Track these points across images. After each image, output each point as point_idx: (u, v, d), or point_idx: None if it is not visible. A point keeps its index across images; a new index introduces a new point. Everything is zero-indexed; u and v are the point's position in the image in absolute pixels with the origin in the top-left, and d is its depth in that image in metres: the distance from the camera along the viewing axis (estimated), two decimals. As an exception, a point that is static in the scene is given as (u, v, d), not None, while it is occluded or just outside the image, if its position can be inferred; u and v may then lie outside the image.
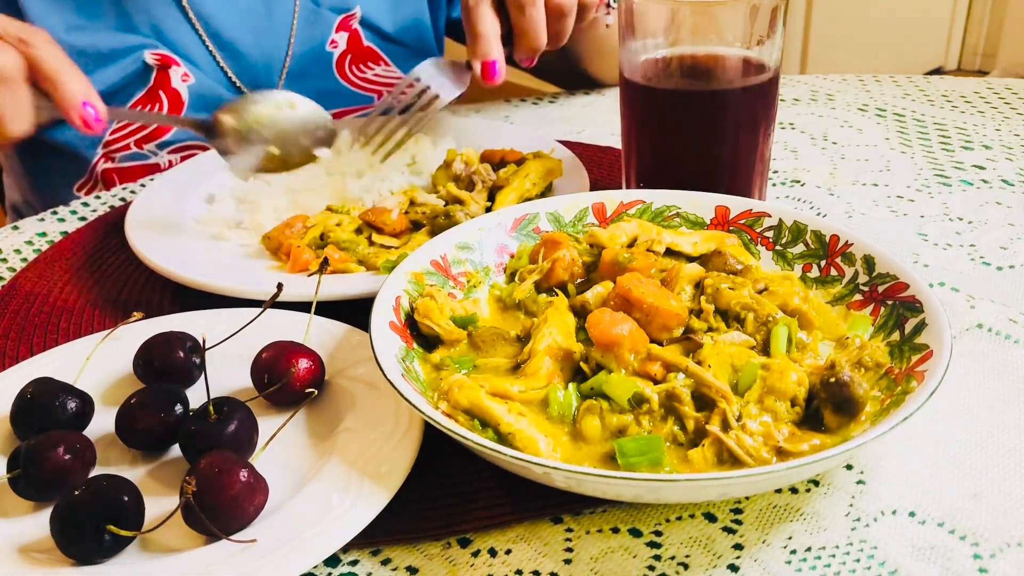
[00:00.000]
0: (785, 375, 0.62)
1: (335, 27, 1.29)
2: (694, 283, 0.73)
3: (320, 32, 1.28)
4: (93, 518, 0.54)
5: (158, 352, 0.70)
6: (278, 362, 0.67)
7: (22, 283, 0.91)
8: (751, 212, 0.81)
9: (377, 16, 1.32)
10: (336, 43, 1.30)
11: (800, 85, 1.36)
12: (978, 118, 1.21)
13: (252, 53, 1.25)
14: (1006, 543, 0.57)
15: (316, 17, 1.28)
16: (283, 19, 1.26)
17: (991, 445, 0.65)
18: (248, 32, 1.24)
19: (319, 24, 1.28)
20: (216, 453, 0.58)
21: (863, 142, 1.16)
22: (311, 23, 1.28)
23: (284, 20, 1.26)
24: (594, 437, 0.61)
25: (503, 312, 0.76)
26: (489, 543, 0.59)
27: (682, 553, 0.58)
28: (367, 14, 1.31)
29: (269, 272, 0.86)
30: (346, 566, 0.58)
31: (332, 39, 1.30)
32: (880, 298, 0.70)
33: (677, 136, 0.88)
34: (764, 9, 0.82)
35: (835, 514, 0.60)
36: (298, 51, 1.27)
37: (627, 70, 0.88)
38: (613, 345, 0.64)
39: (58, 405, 0.64)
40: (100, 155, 1.21)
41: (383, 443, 0.62)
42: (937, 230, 0.94)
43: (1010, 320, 0.78)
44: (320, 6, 1.28)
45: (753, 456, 0.58)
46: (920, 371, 0.61)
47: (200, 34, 1.21)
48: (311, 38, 1.28)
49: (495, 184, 0.97)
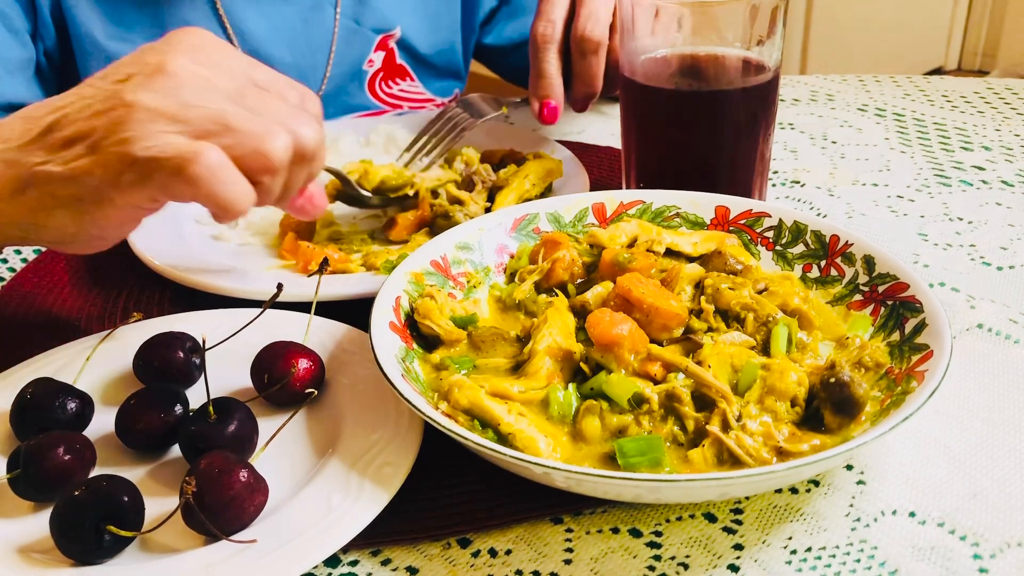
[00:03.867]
0: (785, 375, 0.62)
1: (374, 46, 1.30)
2: (694, 283, 0.73)
3: (359, 51, 1.29)
4: (93, 518, 0.54)
5: (158, 352, 0.70)
6: (278, 362, 0.67)
7: (22, 283, 0.91)
8: (751, 212, 0.81)
9: (415, 37, 1.33)
10: (373, 62, 1.31)
11: (800, 85, 1.36)
12: (978, 118, 1.21)
13: (290, 70, 1.24)
14: (1006, 543, 0.57)
15: (356, 36, 1.28)
16: (322, 37, 1.26)
17: (991, 445, 0.65)
18: (286, 49, 1.23)
19: (359, 43, 1.29)
20: (216, 453, 0.58)
21: (863, 142, 1.16)
22: (351, 42, 1.28)
23: (323, 38, 1.26)
24: (594, 437, 0.61)
25: (503, 312, 0.76)
26: (489, 543, 0.59)
27: (682, 553, 0.58)
28: (406, 34, 1.32)
29: (269, 272, 0.86)
30: (346, 566, 0.58)
31: (370, 58, 1.30)
32: (880, 298, 0.70)
33: (677, 136, 0.88)
34: (764, 9, 0.82)
35: (835, 514, 0.60)
36: (336, 70, 1.27)
37: (627, 70, 0.88)
38: (613, 345, 0.64)
39: (58, 405, 0.64)
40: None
41: (383, 443, 0.62)
42: (937, 230, 0.94)
43: (1010, 320, 0.78)
44: (361, 25, 1.28)
45: (753, 456, 0.58)
46: (920, 371, 0.61)
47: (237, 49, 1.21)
48: (350, 56, 1.28)
49: (495, 184, 0.97)
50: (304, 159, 0.66)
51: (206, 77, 0.63)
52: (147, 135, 0.60)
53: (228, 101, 0.63)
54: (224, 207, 0.62)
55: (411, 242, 0.90)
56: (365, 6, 1.28)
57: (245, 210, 0.63)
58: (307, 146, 0.66)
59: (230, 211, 0.62)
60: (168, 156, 0.60)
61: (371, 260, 0.86)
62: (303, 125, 0.65)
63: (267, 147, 0.63)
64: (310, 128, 0.66)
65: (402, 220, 0.92)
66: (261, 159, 0.63)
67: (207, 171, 0.60)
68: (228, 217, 0.63)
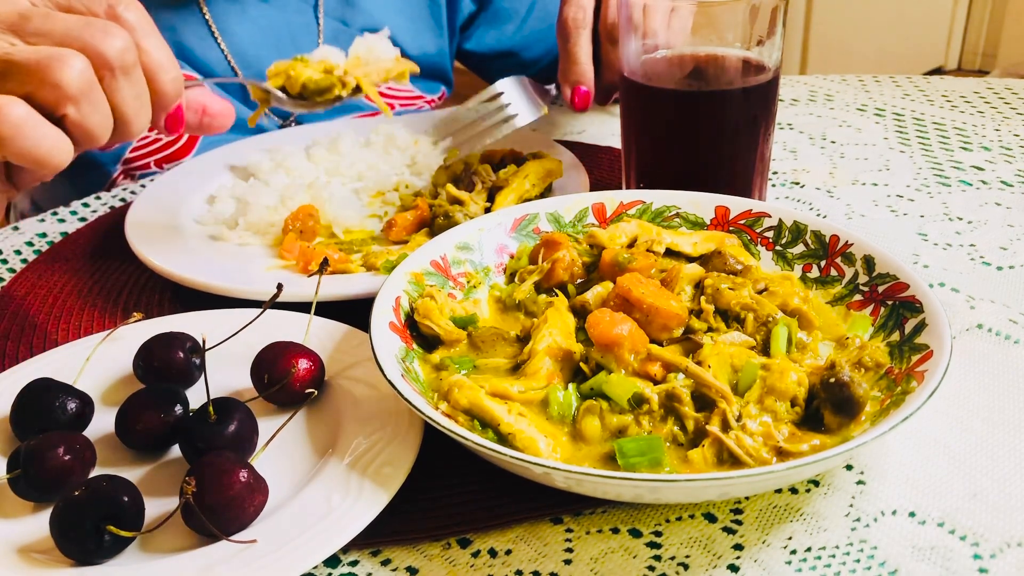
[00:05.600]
0: (785, 375, 0.62)
1: None
2: (694, 283, 0.73)
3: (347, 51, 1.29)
4: (93, 518, 0.54)
5: (158, 352, 0.70)
6: (278, 362, 0.67)
7: (22, 283, 0.91)
8: (751, 212, 0.81)
9: (403, 39, 1.33)
10: None
11: (800, 85, 1.36)
12: (977, 118, 1.21)
13: None
14: (1006, 543, 0.57)
15: (343, 37, 1.28)
16: (308, 38, 1.26)
17: (991, 445, 0.65)
18: (273, 50, 1.24)
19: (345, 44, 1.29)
20: (216, 453, 0.58)
21: (862, 142, 1.16)
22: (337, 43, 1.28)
23: (309, 39, 1.26)
24: (594, 437, 0.61)
25: (503, 312, 0.76)
26: (489, 543, 0.59)
27: (682, 553, 0.58)
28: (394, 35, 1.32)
29: (269, 272, 0.86)
30: (346, 566, 0.58)
31: None
32: (880, 298, 0.70)
33: (677, 136, 0.88)
34: (764, 9, 0.83)
35: (835, 514, 0.60)
36: None
37: (627, 70, 0.88)
38: (613, 345, 0.64)
39: (58, 405, 0.64)
40: (119, 171, 1.21)
41: (383, 443, 0.62)
42: (937, 230, 0.94)
43: (1010, 320, 0.78)
44: (349, 26, 1.28)
45: (753, 456, 0.58)
46: (920, 371, 0.61)
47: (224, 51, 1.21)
48: None
49: (495, 184, 0.97)
50: (118, 72, 0.60)
51: None
52: None
53: (10, 31, 0.58)
54: (38, 161, 0.58)
55: (411, 242, 0.90)
56: (352, 7, 1.28)
57: (63, 161, 0.59)
58: (111, 57, 0.59)
59: (46, 165, 0.58)
60: None
61: (371, 260, 0.86)
62: (101, 37, 0.59)
63: (56, 76, 0.57)
64: (110, 37, 0.59)
65: (402, 220, 0.92)
66: (54, 91, 0.57)
67: (10, 128, 0.56)
68: (46, 171, 0.59)
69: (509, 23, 1.42)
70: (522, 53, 1.44)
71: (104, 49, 0.59)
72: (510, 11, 1.41)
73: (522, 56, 1.45)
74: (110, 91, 0.61)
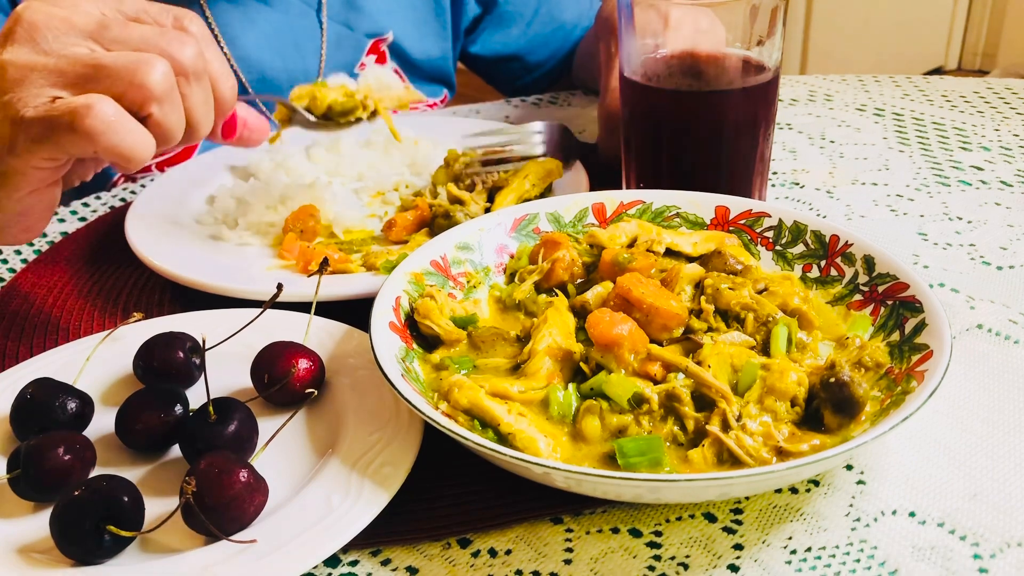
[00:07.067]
0: (785, 375, 0.62)
1: (367, 50, 1.30)
2: (694, 283, 0.73)
3: (351, 55, 1.29)
4: (93, 518, 0.54)
5: (158, 352, 0.70)
6: (278, 362, 0.67)
7: (22, 283, 0.91)
8: (751, 212, 0.81)
9: (407, 42, 1.33)
10: (365, 65, 1.31)
11: (799, 85, 1.36)
12: (977, 118, 1.21)
13: (279, 76, 1.25)
14: (1006, 543, 0.57)
15: (347, 41, 1.28)
16: (311, 42, 1.26)
17: (991, 445, 0.65)
18: (276, 54, 1.24)
19: (350, 47, 1.29)
20: (216, 453, 0.58)
21: (861, 141, 1.16)
22: (341, 46, 1.28)
23: (313, 43, 1.26)
24: (594, 437, 0.61)
25: (503, 312, 0.76)
26: (489, 543, 0.59)
27: (682, 553, 0.58)
28: (398, 39, 1.32)
29: (269, 272, 0.86)
30: (346, 566, 0.58)
31: (362, 61, 1.31)
32: (880, 298, 0.70)
33: (677, 136, 0.88)
34: (764, 9, 0.82)
35: (835, 514, 0.60)
36: (328, 74, 1.27)
37: (627, 70, 0.88)
38: (613, 345, 0.64)
39: (58, 405, 0.64)
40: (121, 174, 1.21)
41: (383, 443, 0.62)
42: (937, 230, 0.94)
43: (1010, 320, 0.78)
44: (354, 30, 1.29)
45: (753, 456, 0.58)
46: (920, 371, 0.61)
47: (228, 56, 1.21)
48: (341, 60, 1.29)
49: (495, 184, 0.97)
50: (192, 78, 0.65)
51: (63, 17, 0.63)
52: (28, 95, 0.60)
53: (90, 39, 0.62)
54: (125, 156, 0.62)
55: (411, 242, 0.90)
56: (357, 12, 1.28)
57: (146, 157, 0.63)
58: (186, 64, 0.65)
59: (132, 160, 0.62)
60: (60, 113, 0.59)
61: (371, 260, 0.86)
62: (177, 45, 0.64)
63: (142, 78, 0.62)
64: (184, 46, 0.65)
65: (402, 220, 0.92)
66: (141, 91, 0.62)
67: (102, 124, 0.60)
68: (131, 166, 0.63)
69: (514, 26, 1.42)
70: (527, 57, 1.45)
71: (180, 56, 0.65)
72: (515, 14, 1.41)
73: (527, 60, 1.45)
74: (185, 95, 0.66)
